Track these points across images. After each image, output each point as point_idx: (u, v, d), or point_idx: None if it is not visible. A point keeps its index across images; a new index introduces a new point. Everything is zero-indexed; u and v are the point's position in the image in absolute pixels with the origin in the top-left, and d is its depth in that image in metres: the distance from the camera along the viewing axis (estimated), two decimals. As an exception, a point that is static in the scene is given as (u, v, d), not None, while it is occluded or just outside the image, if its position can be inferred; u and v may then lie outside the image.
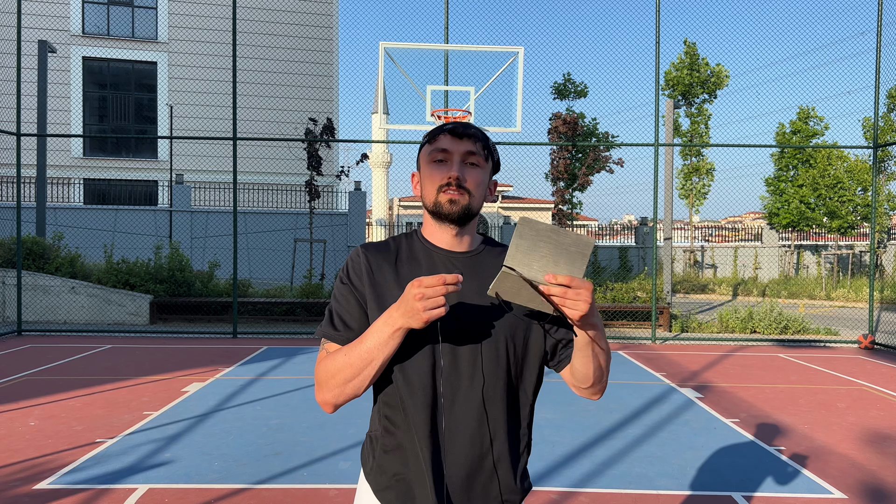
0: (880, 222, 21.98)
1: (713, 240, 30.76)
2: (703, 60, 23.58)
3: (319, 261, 16.66)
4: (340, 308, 1.48)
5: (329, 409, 1.45)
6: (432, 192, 1.47)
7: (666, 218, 13.66)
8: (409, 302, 1.27)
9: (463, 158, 1.46)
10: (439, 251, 1.51)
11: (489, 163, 1.52)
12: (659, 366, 8.30)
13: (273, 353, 8.94)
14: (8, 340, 9.72)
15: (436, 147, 1.47)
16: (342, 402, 1.44)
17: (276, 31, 22.92)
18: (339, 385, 1.40)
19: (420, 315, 1.25)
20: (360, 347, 1.37)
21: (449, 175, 1.44)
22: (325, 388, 1.42)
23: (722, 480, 4.20)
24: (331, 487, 3.99)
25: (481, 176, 1.48)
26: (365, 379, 1.38)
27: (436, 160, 1.47)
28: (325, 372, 1.42)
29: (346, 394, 1.41)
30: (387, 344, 1.34)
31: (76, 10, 22.21)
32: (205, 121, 22.44)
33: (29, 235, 12.04)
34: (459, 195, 1.44)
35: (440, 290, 1.24)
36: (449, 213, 1.45)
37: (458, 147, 1.46)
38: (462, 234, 1.51)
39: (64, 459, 4.43)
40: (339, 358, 1.40)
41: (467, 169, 1.47)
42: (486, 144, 1.50)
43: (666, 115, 14.32)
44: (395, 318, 1.31)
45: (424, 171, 1.50)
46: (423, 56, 9.94)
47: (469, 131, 1.47)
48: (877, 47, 10.21)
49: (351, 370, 1.38)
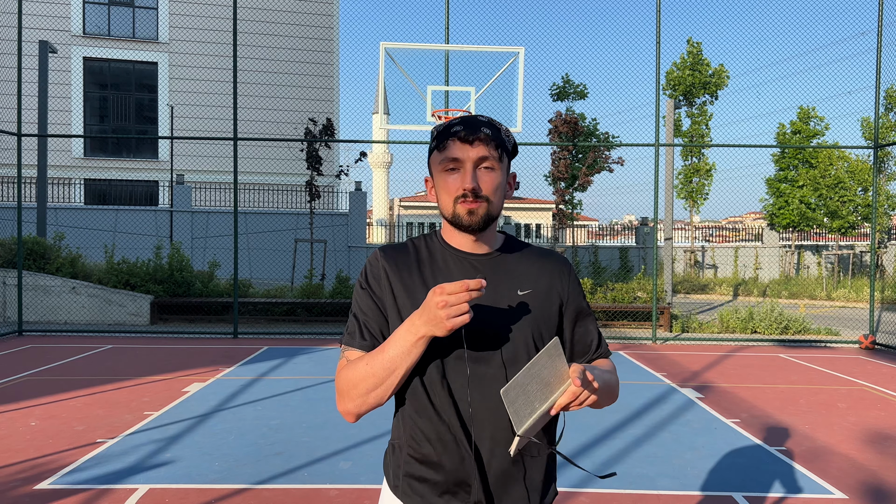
0: (881, 222, 21.97)
1: (714, 240, 30.76)
2: (705, 61, 23.57)
3: (320, 261, 16.65)
4: (360, 314, 1.44)
5: (351, 418, 1.41)
6: (449, 203, 1.42)
7: (666, 218, 13.66)
8: (431, 310, 1.23)
9: (476, 164, 1.40)
10: (460, 254, 1.47)
11: (504, 159, 1.45)
12: (659, 366, 8.30)
13: (273, 353, 8.94)
14: (8, 340, 9.73)
15: (446, 156, 1.41)
16: (365, 412, 1.39)
17: (277, 31, 22.93)
18: (361, 395, 1.35)
19: (444, 323, 1.22)
20: (382, 356, 1.32)
21: (464, 187, 1.39)
22: (347, 398, 1.38)
23: (722, 480, 4.20)
24: (331, 487, 3.99)
25: (498, 179, 1.42)
26: (388, 388, 1.34)
27: (447, 169, 1.42)
28: (347, 381, 1.37)
29: (368, 403, 1.36)
30: (410, 353, 1.30)
31: (77, 11, 22.23)
32: (205, 121, 22.45)
33: (30, 236, 12.04)
34: (477, 205, 1.40)
35: (464, 297, 1.21)
36: (469, 224, 1.41)
37: (469, 154, 1.39)
38: (481, 238, 1.47)
39: (65, 460, 4.43)
40: (360, 367, 1.35)
41: (482, 174, 1.41)
42: (499, 141, 1.43)
43: (666, 115, 14.32)
44: (418, 327, 1.27)
45: (437, 180, 1.45)
46: (424, 56, 9.93)
47: (479, 134, 1.39)
48: (877, 47, 10.21)
49: (374, 380, 1.33)
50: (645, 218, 25.98)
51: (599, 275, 17.25)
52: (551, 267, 1.53)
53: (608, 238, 30.72)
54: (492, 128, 1.42)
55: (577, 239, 25.59)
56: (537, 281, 1.49)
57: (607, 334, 11.19)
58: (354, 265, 19.57)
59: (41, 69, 12.96)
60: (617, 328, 11.96)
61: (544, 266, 1.52)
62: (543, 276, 1.50)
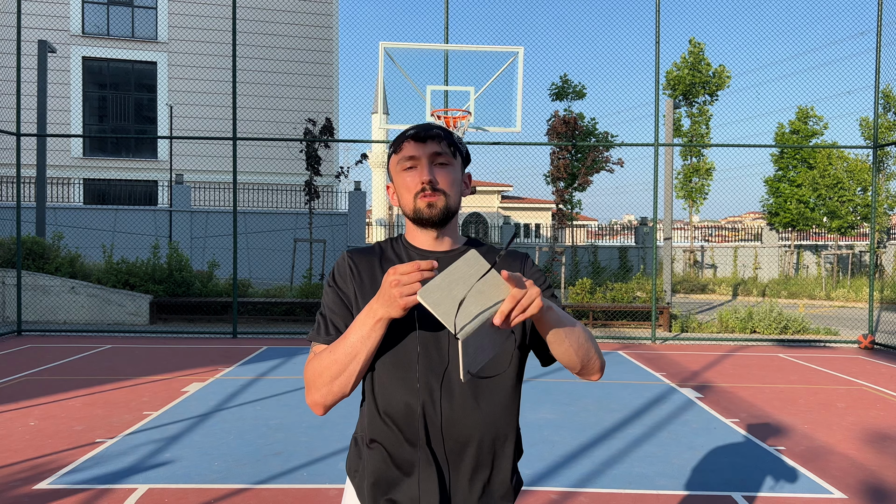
0: (880, 222, 21.98)
1: (713, 240, 30.76)
2: (706, 60, 23.57)
3: (319, 261, 16.65)
4: (327, 310, 1.50)
5: (319, 410, 1.44)
6: (409, 200, 1.49)
7: (666, 218, 13.66)
8: (386, 290, 1.28)
9: (431, 160, 1.48)
10: (421, 252, 1.54)
11: (458, 158, 1.53)
12: (659, 366, 8.30)
13: (273, 353, 8.94)
14: (8, 340, 9.72)
15: (403, 156, 1.49)
16: (331, 403, 1.43)
17: (276, 31, 22.92)
18: (326, 384, 1.39)
19: (397, 301, 1.26)
20: (344, 343, 1.37)
21: (421, 179, 1.46)
22: (313, 388, 1.42)
23: (722, 480, 4.20)
24: (331, 487, 3.99)
25: (453, 174, 1.50)
26: (351, 374, 1.38)
27: (406, 168, 1.49)
28: (313, 372, 1.42)
29: (333, 392, 1.40)
30: (369, 336, 1.34)
31: (76, 10, 22.21)
32: (205, 121, 22.44)
33: (29, 235, 12.04)
34: (436, 198, 1.46)
35: (415, 277, 1.24)
36: (430, 217, 1.47)
37: (423, 150, 1.47)
38: (443, 234, 1.53)
39: (64, 460, 4.43)
40: (324, 357, 1.40)
41: (438, 170, 1.48)
42: (451, 141, 1.52)
43: (666, 114, 14.32)
44: (376, 309, 1.32)
45: (397, 181, 1.52)
46: (423, 56, 9.93)
47: (431, 132, 1.48)
48: (876, 47, 10.21)
49: (337, 366, 1.37)
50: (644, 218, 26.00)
51: (599, 275, 17.26)
52: (510, 258, 1.60)
53: (608, 238, 30.72)
54: (444, 131, 1.52)
55: (577, 239, 25.59)
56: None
57: (607, 334, 11.20)
58: (354, 265, 19.54)
59: (40, 69, 12.96)
60: (616, 328, 11.96)
61: (504, 259, 1.59)
62: (503, 266, 1.57)
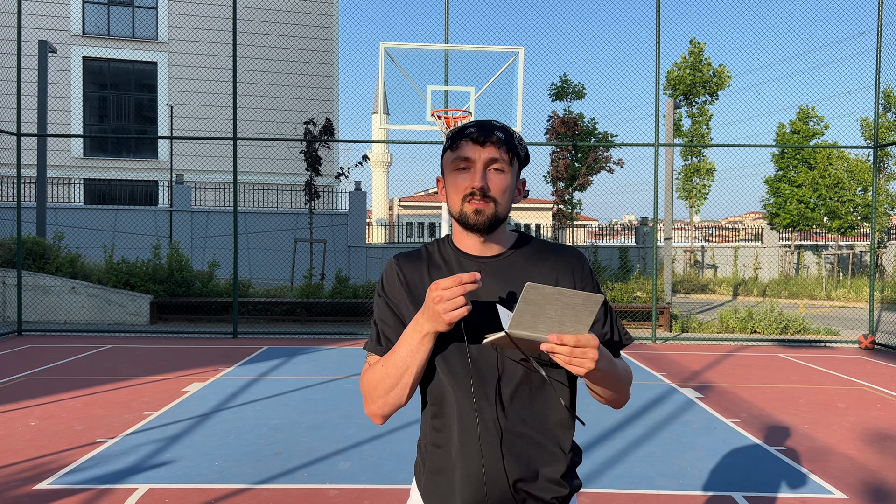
0: (880, 222, 21.97)
1: (713, 240, 30.75)
2: (707, 60, 23.55)
3: (319, 261, 16.66)
4: (378, 321, 1.50)
5: (378, 420, 1.46)
6: (457, 202, 1.45)
7: (666, 218, 13.66)
8: (430, 306, 1.28)
9: (486, 165, 1.43)
10: (468, 257, 1.50)
11: (515, 164, 1.48)
12: (659, 366, 8.30)
13: (273, 353, 8.93)
14: (8, 340, 9.72)
15: (458, 155, 1.44)
16: (388, 413, 1.45)
17: (276, 31, 22.92)
18: (381, 396, 1.42)
19: (442, 317, 1.26)
20: (394, 357, 1.38)
21: (472, 185, 1.41)
22: (370, 399, 1.45)
23: (722, 480, 4.20)
24: (331, 487, 3.99)
25: (506, 181, 1.45)
26: (404, 387, 1.39)
27: (458, 168, 1.44)
28: (368, 384, 1.45)
29: (389, 404, 1.42)
30: (417, 350, 1.35)
31: (76, 10, 22.22)
32: (205, 121, 22.44)
33: (29, 235, 12.04)
34: (484, 205, 1.42)
35: (458, 291, 1.24)
36: (475, 224, 1.44)
37: (480, 154, 1.42)
38: (490, 240, 1.49)
39: (64, 459, 4.43)
40: (377, 369, 1.42)
41: (491, 175, 1.43)
42: (511, 146, 1.45)
43: (666, 114, 14.31)
44: (422, 324, 1.32)
45: (448, 179, 1.48)
46: (424, 56, 9.93)
47: (491, 136, 1.42)
48: (877, 47, 10.21)
49: (390, 380, 1.39)
50: (645, 218, 25.99)
51: (599, 275, 17.25)
52: (564, 263, 1.54)
53: (608, 238, 30.71)
54: (505, 132, 1.45)
55: (577, 239, 25.59)
56: (548, 278, 1.50)
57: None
58: (354, 265, 19.58)
59: (41, 69, 12.96)
60: (616, 328, 11.94)
61: (557, 262, 1.53)
62: (556, 272, 1.51)
